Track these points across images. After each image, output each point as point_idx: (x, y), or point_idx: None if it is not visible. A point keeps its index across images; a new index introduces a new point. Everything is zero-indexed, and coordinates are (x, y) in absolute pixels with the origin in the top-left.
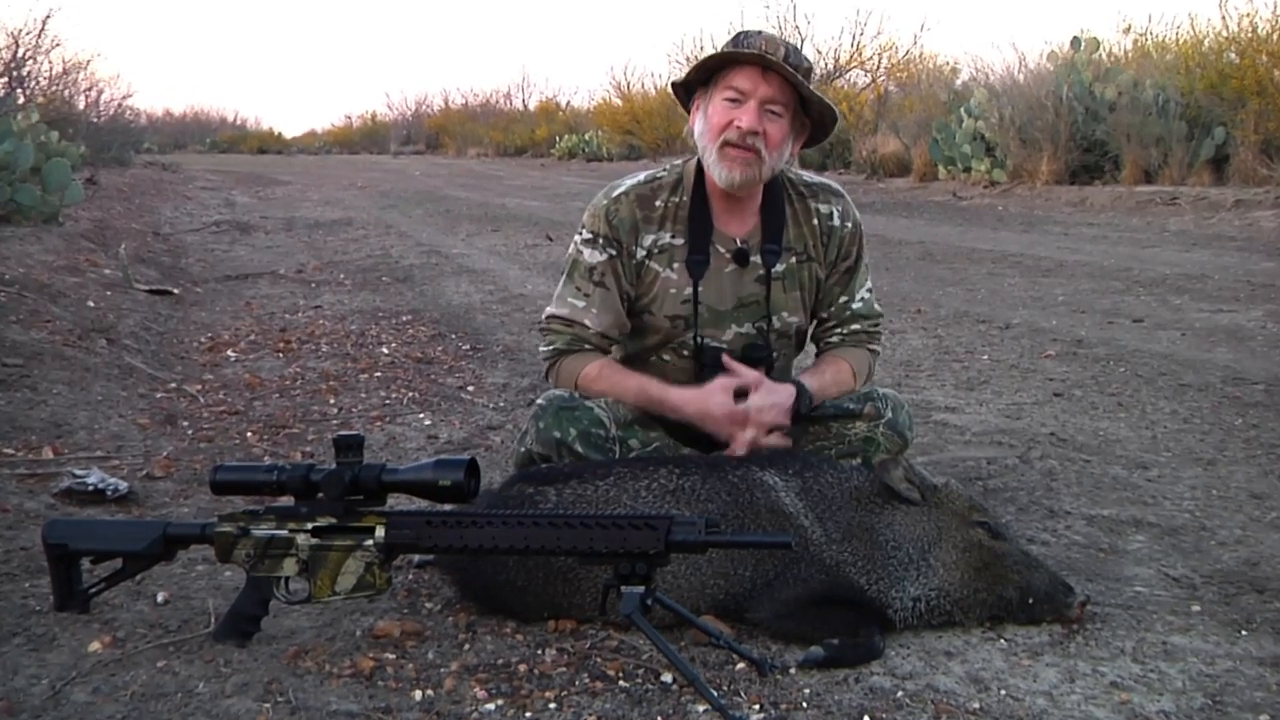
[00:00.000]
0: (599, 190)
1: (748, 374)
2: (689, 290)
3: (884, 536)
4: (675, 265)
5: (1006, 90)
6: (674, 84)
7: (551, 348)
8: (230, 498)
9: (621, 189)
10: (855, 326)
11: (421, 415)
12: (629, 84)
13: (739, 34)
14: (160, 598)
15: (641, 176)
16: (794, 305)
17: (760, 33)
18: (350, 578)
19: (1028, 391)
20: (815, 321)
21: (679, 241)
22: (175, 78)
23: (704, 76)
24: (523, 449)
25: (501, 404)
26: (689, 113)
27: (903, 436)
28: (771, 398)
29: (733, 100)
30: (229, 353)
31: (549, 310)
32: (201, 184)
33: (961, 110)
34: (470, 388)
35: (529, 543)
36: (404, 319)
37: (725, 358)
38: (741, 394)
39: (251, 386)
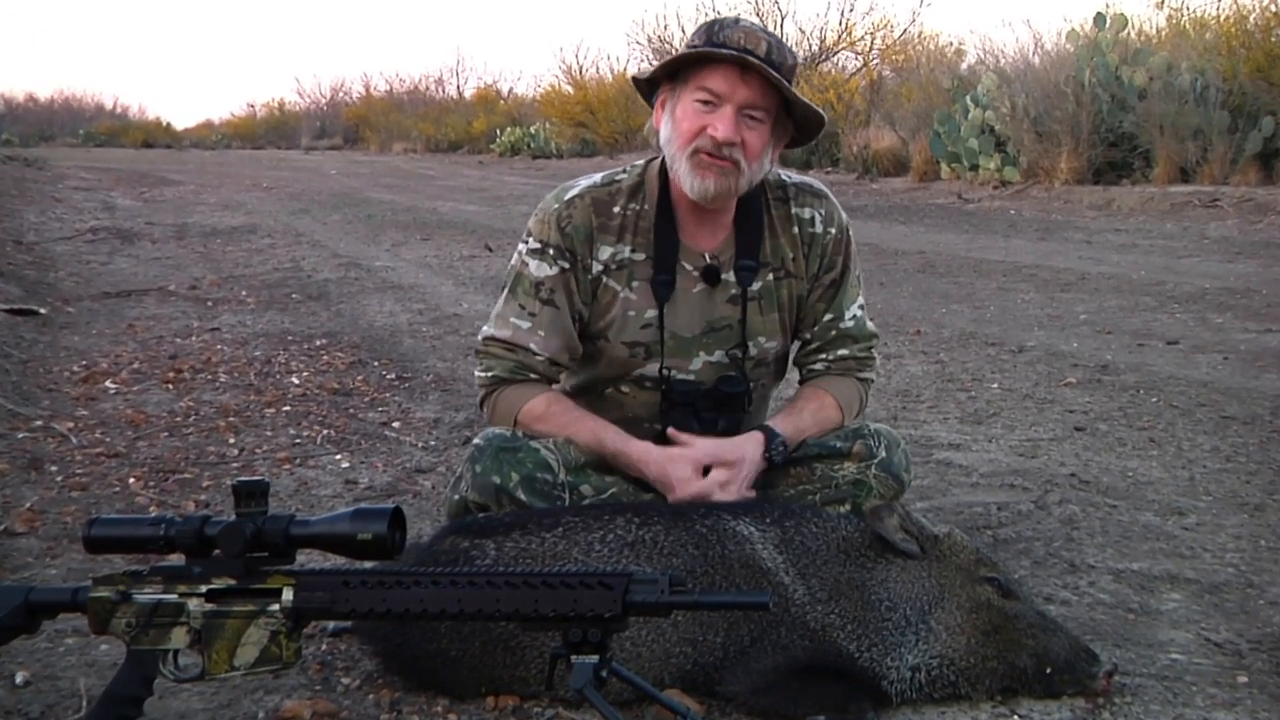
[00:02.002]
0: (547, 192)
1: (699, 447)
2: (651, 314)
3: (877, 595)
4: (635, 284)
5: (1019, 75)
6: (635, 79)
7: (489, 374)
8: (108, 556)
9: (575, 191)
10: (843, 351)
11: (338, 457)
12: (581, 68)
13: (712, 23)
14: (20, 678)
15: (598, 178)
16: (772, 329)
17: (738, 21)
18: (252, 649)
19: (1045, 425)
20: (797, 343)
21: (640, 256)
22: (40, 57)
23: (671, 70)
24: (457, 496)
25: (432, 443)
26: (651, 106)
27: (898, 479)
28: (732, 471)
29: (706, 103)
30: (108, 384)
31: (487, 330)
32: (74, 183)
33: (967, 99)
34: (396, 424)
35: (463, 606)
36: (318, 343)
37: (671, 432)
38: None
39: (135, 424)
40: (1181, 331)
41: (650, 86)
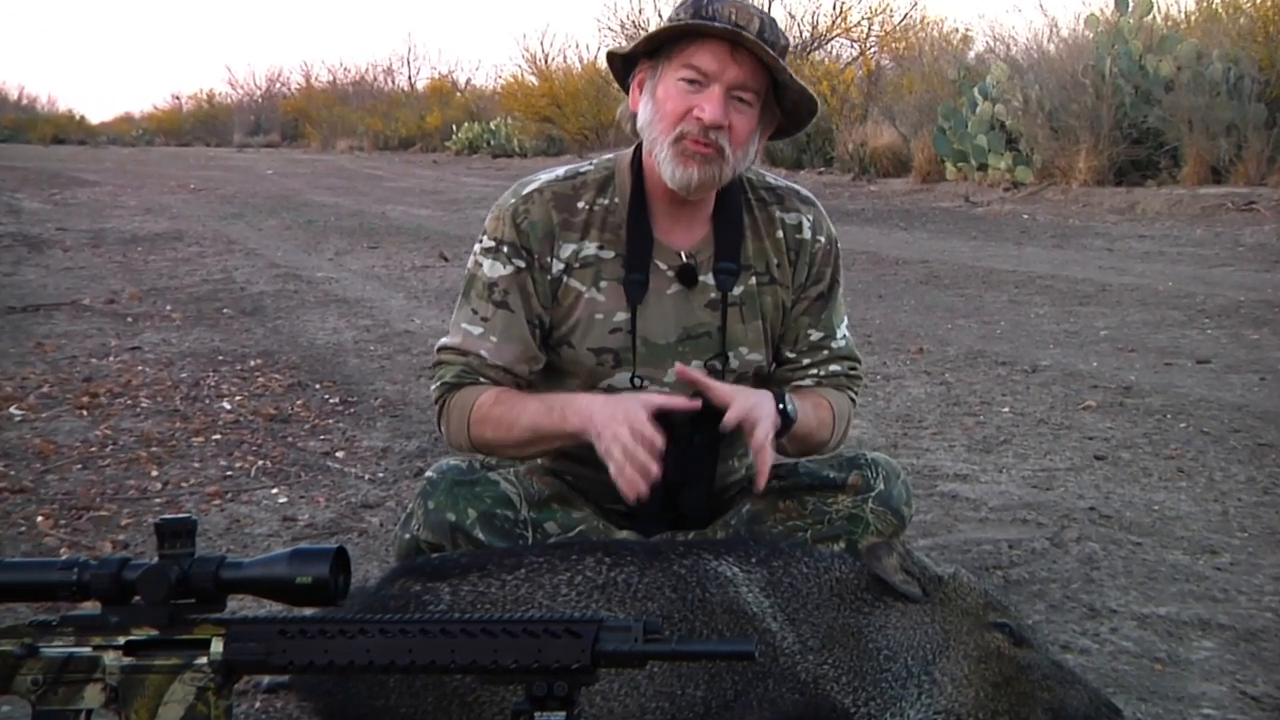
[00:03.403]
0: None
1: (719, 387)
2: (620, 316)
3: (875, 643)
4: (603, 284)
5: (1033, 65)
6: (611, 55)
7: (440, 383)
8: (11, 605)
9: (534, 185)
10: (835, 367)
11: (274, 491)
12: (547, 57)
13: None
14: None
15: (560, 171)
16: (755, 339)
17: None
18: (176, 708)
19: (1061, 454)
20: (777, 363)
21: (607, 254)
22: None
23: (652, 46)
24: (407, 535)
25: (380, 475)
26: (626, 90)
27: (898, 513)
28: (758, 407)
29: (692, 82)
30: (11, 410)
31: (441, 341)
32: None
33: (975, 91)
34: (339, 454)
35: (415, 657)
36: (252, 364)
37: (680, 369)
38: (666, 418)
39: (43, 455)
40: (1213, 349)
41: (626, 65)
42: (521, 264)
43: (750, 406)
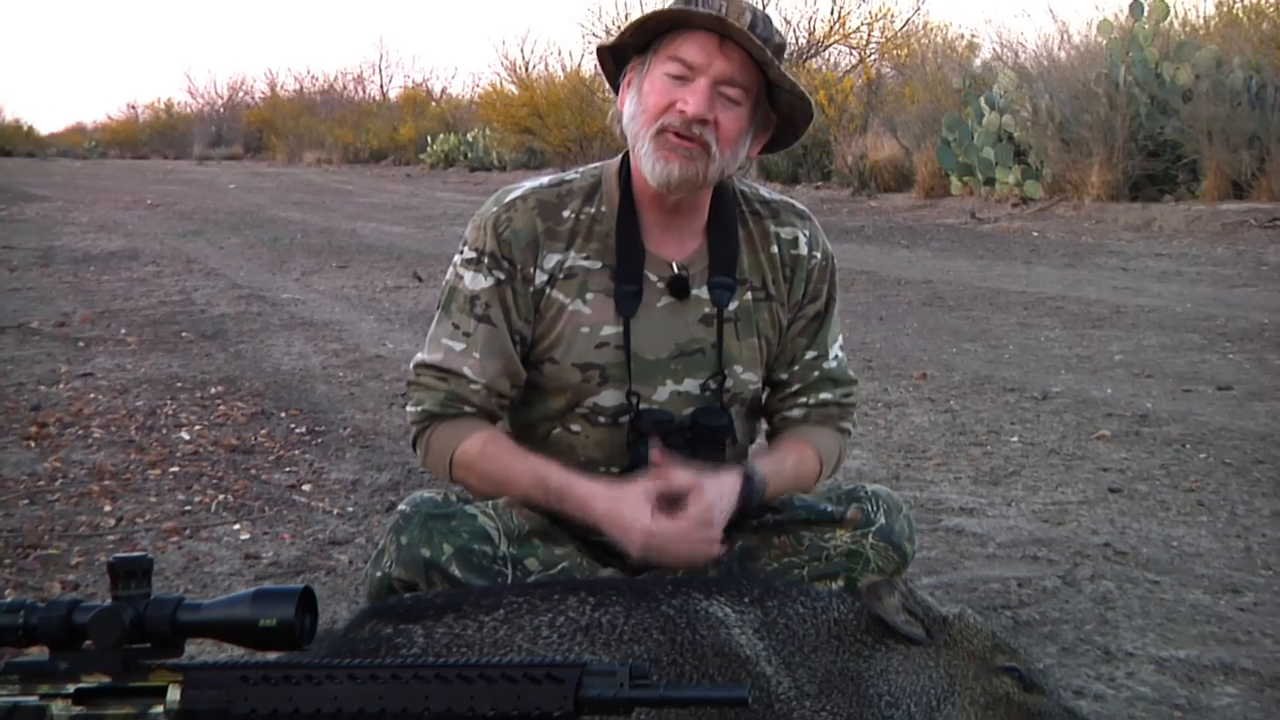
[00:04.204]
0: None
1: (680, 477)
2: (608, 330)
3: (876, 689)
4: (589, 296)
5: (1042, 73)
6: (601, 49)
7: (420, 409)
8: None
9: (518, 193)
10: (825, 396)
11: (236, 526)
12: (528, 64)
13: None
14: None
15: (545, 180)
16: (750, 358)
17: None
18: None
19: (1073, 486)
20: (769, 386)
21: (594, 265)
22: None
23: (642, 41)
24: (379, 573)
25: (350, 510)
26: (617, 91)
27: (900, 549)
28: (705, 507)
29: (678, 76)
30: None
31: (419, 357)
32: None
33: (981, 101)
34: (306, 487)
35: (386, 704)
36: (213, 391)
37: (655, 450)
38: (671, 501)
39: None
40: (1235, 375)
41: (617, 66)
42: (502, 275)
43: (707, 508)
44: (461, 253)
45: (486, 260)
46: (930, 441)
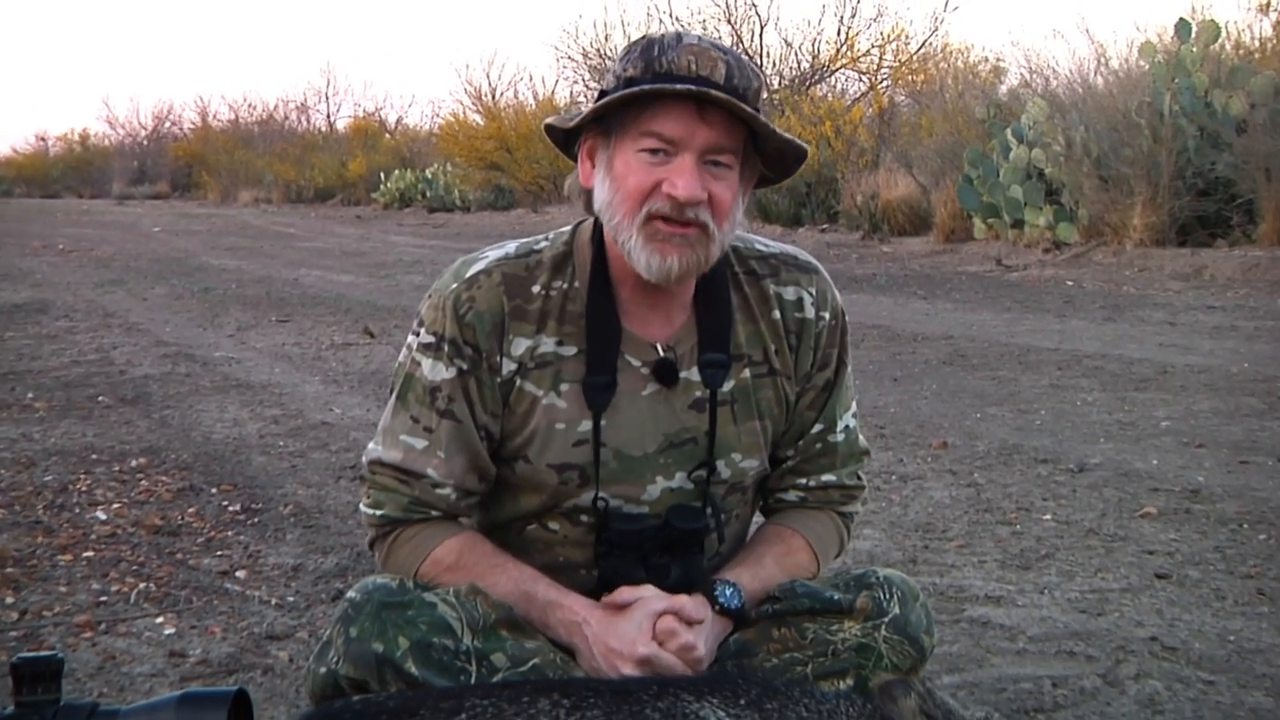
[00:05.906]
0: (448, 257)
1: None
2: (586, 426)
3: None
4: (564, 387)
5: (1076, 102)
6: (551, 128)
7: (380, 514)
8: None
9: (480, 266)
10: (828, 477)
11: (159, 620)
12: (494, 92)
13: (648, 44)
14: None
15: (511, 248)
16: (750, 443)
17: (680, 39)
18: None
19: (1114, 571)
20: (772, 463)
21: (568, 350)
22: None
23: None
24: (324, 669)
25: (290, 599)
26: (573, 158)
27: (917, 644)
28: (697, 633)
29: (655, 152)
30: None
31: (373, 451)
32: None
33: (1008, 133)
34: (240, 573)
35: None
36: (133, 464)
37: (618, 594)
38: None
39: None
40: None
41: (568, 134)
42: (465, 365)
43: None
44: (418, 334)
45: (447, 348)
46: (951, 520)
